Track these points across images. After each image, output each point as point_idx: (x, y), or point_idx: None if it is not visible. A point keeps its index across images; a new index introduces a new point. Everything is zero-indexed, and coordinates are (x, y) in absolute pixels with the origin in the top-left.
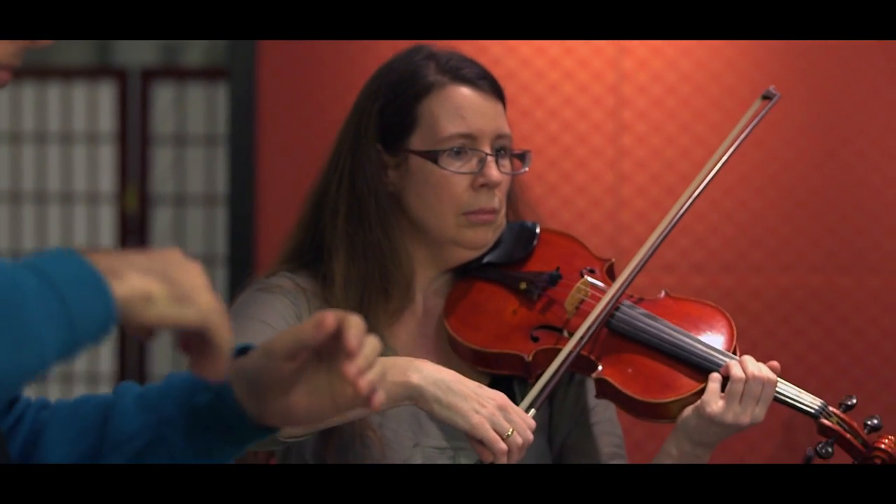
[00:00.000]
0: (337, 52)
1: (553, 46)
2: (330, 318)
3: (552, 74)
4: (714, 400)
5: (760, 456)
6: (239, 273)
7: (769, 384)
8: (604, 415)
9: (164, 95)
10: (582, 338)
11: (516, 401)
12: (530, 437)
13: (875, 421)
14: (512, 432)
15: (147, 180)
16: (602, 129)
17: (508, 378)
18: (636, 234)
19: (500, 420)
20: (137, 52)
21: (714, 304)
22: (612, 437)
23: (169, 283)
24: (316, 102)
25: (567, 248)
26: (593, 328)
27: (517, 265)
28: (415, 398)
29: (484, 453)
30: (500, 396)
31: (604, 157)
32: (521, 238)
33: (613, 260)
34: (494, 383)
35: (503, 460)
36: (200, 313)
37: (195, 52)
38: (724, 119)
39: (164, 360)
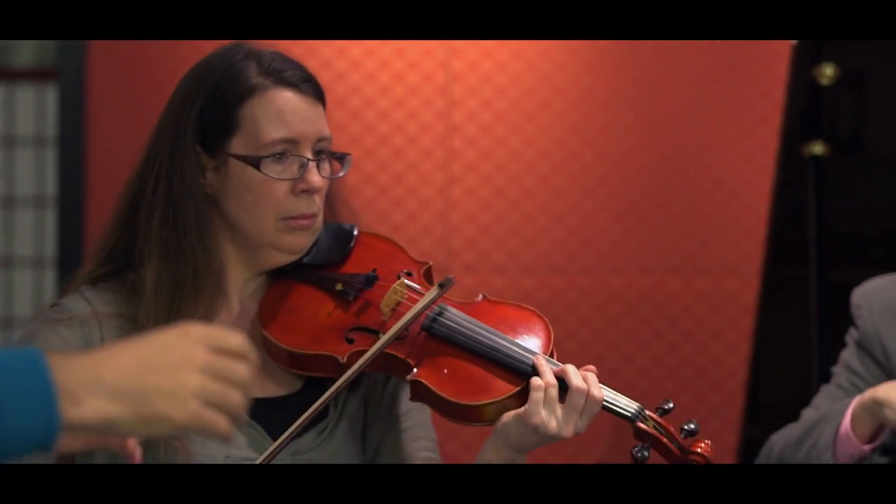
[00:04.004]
0: (167, 53)
1: (383, 48)
2: (135, 452)
3: (382, 76)
4: (537, 410)
5: (591, 456)
6: (68, 275)
7: (594, 400)
8: (418, 419)
9: None
10: (388, 340)
11: (329, 408)
12: None
13: (692, 426)
14: None
15: None
16: (432, 130)
17: (323, 380)
18: (466, 236)
19: None
20: None
21: (531, 308)
22: (426, 442)
23: (139, 405)
24: (147, 104)
25: (385, 251)
26: (398, 331)
27: (333, 267)
28: None
29: None
30: None
31: (434, 159)
32: (338, 239)
33: (431, 263)
34: (308, 385)
35: None
36: (167, 430)
37: (24, 52)
38: (554, 121)
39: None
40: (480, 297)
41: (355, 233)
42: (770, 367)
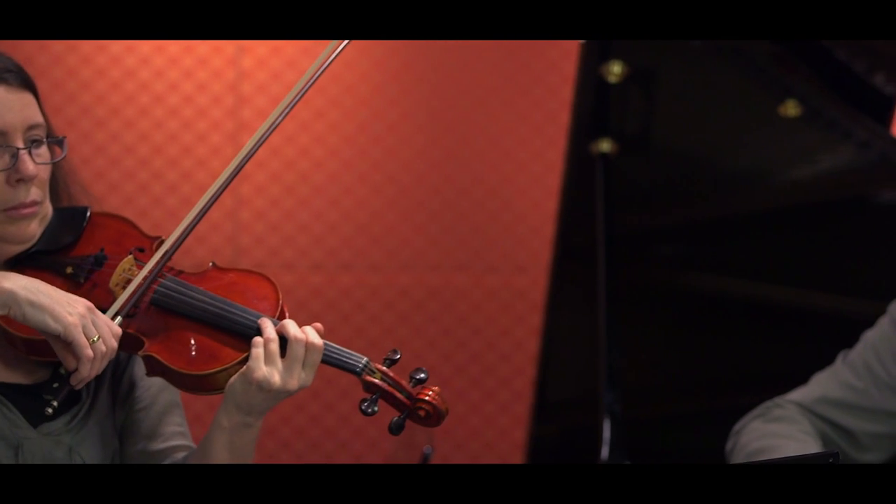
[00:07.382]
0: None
1: (172, 45)
2: None
3: (171, 73)
4: (258, 366)
5: (380, 454)
6: None
7: (313, 348)
8: (164, 396)
9: None
10: (130, 297)
11: (82, 392)
12: (114, 344)
13: (422, 375)
14: (98, 339)
15: None
16: (222, 127)
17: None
18: (255, 233)
19: (89, 324)
20: None
21: (259, 272)
22: (174, 417)
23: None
24: None
25: (117, 230)
26: (133, 299)
27: (65, 250)
28: (8, 304)
29: (68, 359)
30: (86, 301)
31: (223, 156)
32: (68, 222)
33: (163, 237)
34: (54, 375)
35: (86, 368)
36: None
37: None
38: (344, 119)
39: None
40: (210, 265)
41: (88, 214)
42: (558, 365)
